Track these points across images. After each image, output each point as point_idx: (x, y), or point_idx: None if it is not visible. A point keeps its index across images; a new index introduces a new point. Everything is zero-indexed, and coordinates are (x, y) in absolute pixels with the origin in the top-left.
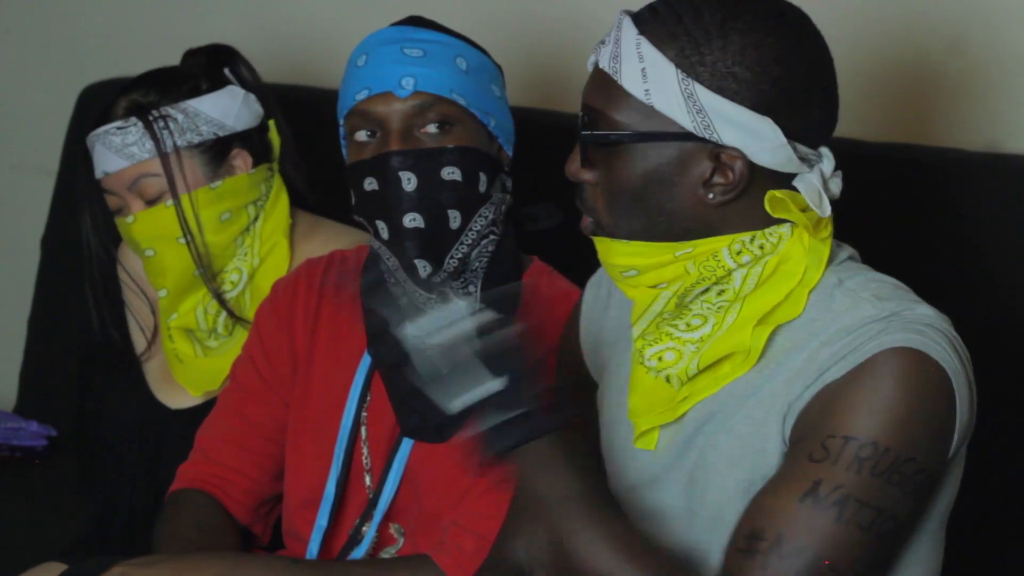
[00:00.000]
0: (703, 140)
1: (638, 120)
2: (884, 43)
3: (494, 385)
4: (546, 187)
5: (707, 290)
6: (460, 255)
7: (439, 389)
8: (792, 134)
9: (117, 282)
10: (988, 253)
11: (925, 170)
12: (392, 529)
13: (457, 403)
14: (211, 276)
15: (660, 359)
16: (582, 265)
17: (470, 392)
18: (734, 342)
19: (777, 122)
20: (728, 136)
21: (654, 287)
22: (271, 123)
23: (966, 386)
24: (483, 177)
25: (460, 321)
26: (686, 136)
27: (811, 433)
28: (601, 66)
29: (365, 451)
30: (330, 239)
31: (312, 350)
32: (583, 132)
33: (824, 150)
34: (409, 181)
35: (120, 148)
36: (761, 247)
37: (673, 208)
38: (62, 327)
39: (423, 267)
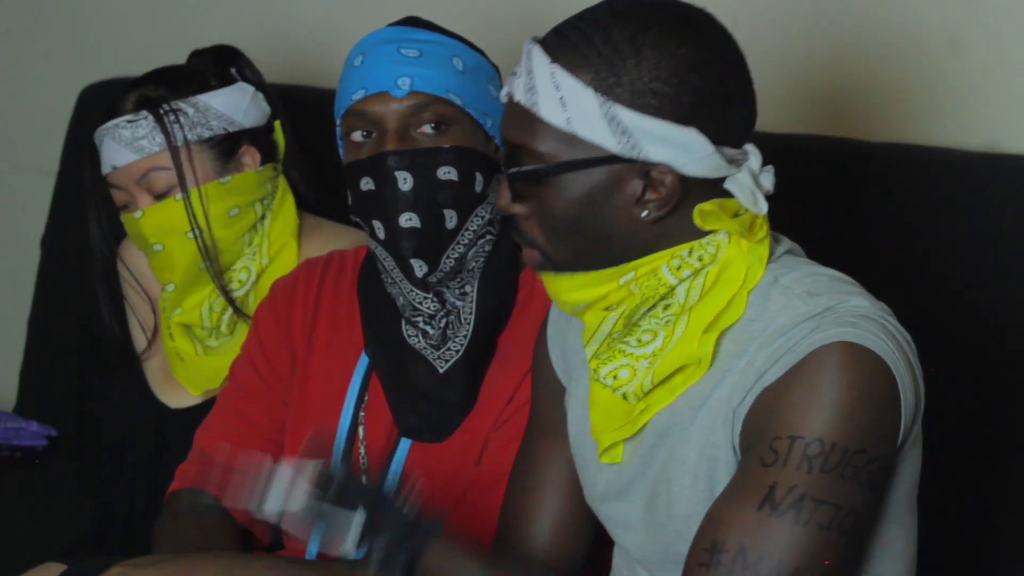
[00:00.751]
0: (631, 160)
1: (562, 149)
2: (884, 43)
3: (357, 518)
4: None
5: (653, 307)
6: (456, 255)
7: (327, 544)
8: (718, 139)
9: (119, 280)
10: (988, 252)
11: (925, 170)
12: None
13: (347, 548)
14: (218, 271)
15: (615, 377)
16: None
17: (345, 533)
18: (685, 354)
19: (702, 130)
20: (656, 153)
21: (605, 310)
22: (277, 124)
23: (907, 370)
24: (479, 177)
25: (296, 484)
26: (613, 159)
27: (758, 438)
28: (517, 99)
29: (362, 451)
30: (331, 239)
31: (310, 350)
32: (509, 170)
33: (749, 147)
34: (405, 181)
35: (130, 142)
36: (700, 258)
37: (610, 231)
38: (62, 327)
39: (419, 267)
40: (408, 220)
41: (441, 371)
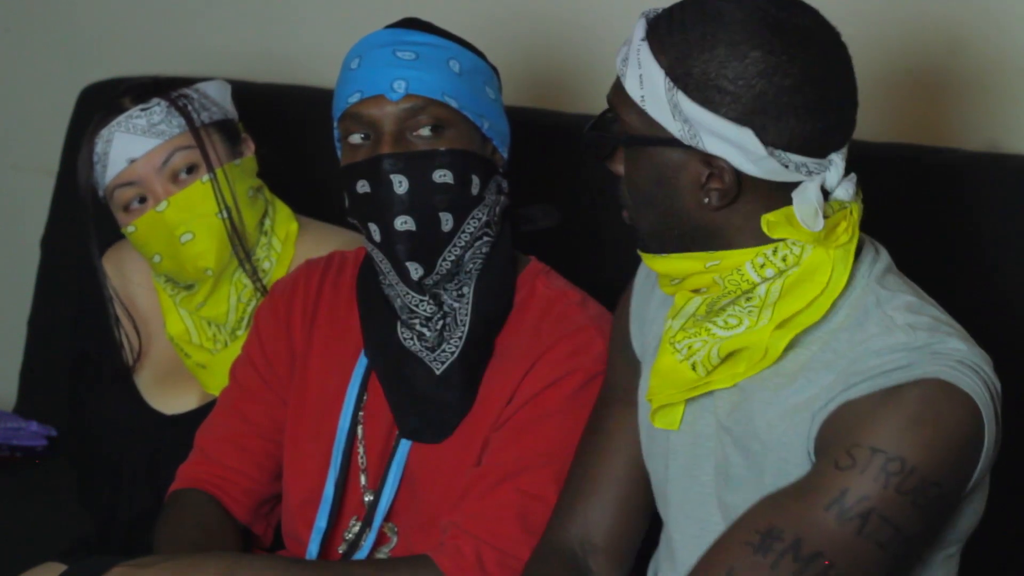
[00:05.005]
0: (692, 148)
1: (639, 123)
2: (884, 43)
3: None
4: (544, 187)
5: (736, 299)
6: (453, 257)
7: None
8: (782, 145)
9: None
10: (988, 253)
11: (925, 170)
12: (386, 528)
13: None
14: (248, 254)
15: (690, 347)
16: (579, 265)
17: None
18: (751, 339)
19: (761, 134)
20: (712, 146)
21: (695, 291)
22: (240, 125)
23: (994, 420)
24: (476, 179)
25: None
26: (676, 143)
27: (835, 442)
28: (617, 66)
29: (361, 450)
30: (320, 240)
31: (309, 350)
32: (587, 127)
33: (834, 156)
34: (400, 184)
35: (147, 129)
36: (784, 259)
37: (679, 209)
38: (62, 327)
39: (415, 269)
40: (404, 223)
41: (438, 373)
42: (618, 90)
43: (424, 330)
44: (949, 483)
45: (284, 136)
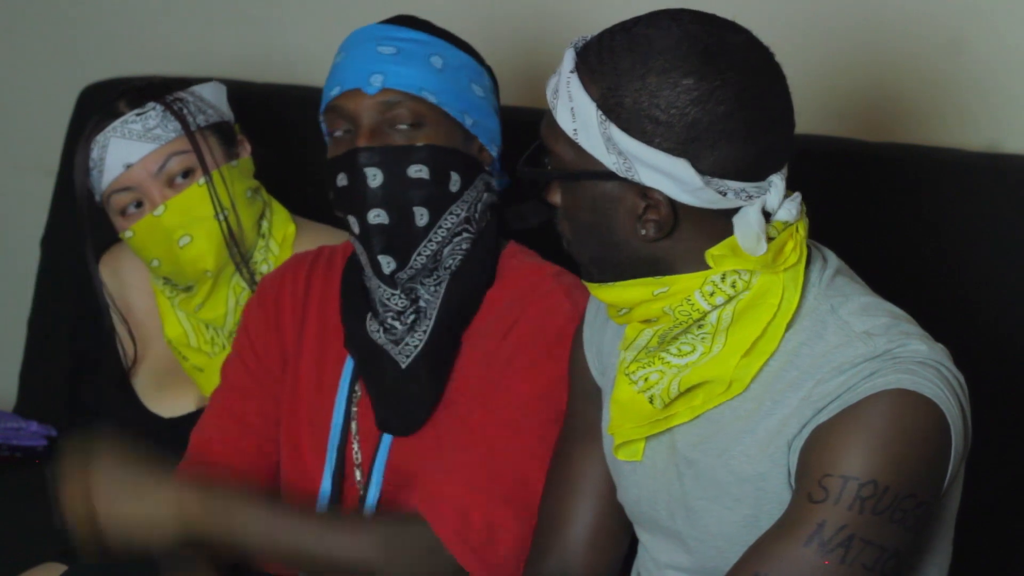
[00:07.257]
0: (627, 180)
1: (573, 156)
2: (884, 43)
3: None
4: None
5: (687, 329)
6: (429, 252)
7: None
8: (718, 172)
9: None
10: (988, 253)
11: (925, 170)
12: None
13: None
14: (246, 256)
15: (646, 380)
16: (569, 261)
17: None
18: (715, 371)
19: (697, 163)
20: (647, 178)
21: (645, 322)
22: (236, 126)
23: (960, 416)
24: (455, 176)
25: None
26: (611, 176)
27: (807, 472)
28: (548, 98)
29: (356, 446)
30: (317, 241)
31: (301, 344)
32: (520, 164)
33: (774, 178)
34: (375, 178)
35: (143, 134)
36: (733, 285)
37: (618, 240)
38: (62, 327)
39: (387, 263)
40: (376, 216)
41: (404, 367)
42: (550, 123)
43: (396, 324)
44: (924, 492)
45: (283, 137)
